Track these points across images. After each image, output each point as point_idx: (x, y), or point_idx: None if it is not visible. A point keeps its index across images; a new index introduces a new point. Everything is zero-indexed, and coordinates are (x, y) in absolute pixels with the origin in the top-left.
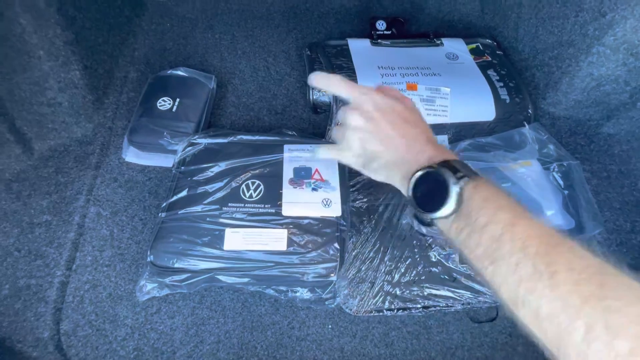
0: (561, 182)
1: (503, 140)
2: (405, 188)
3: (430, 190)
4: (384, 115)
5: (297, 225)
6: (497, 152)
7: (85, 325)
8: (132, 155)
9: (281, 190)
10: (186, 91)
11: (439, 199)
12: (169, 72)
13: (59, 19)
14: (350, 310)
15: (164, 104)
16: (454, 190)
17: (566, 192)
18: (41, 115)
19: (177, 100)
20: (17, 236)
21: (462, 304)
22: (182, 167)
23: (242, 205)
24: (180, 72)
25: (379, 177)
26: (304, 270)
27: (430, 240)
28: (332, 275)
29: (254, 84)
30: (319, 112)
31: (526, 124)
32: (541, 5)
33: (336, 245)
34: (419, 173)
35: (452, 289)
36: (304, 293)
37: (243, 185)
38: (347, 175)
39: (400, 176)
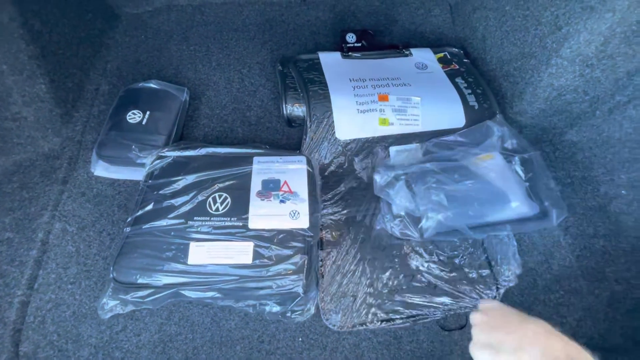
0: (522, 174)
1: (467, 136)
2: None
3: None
4: None
5: (263, 238)
6: (461, 148)
7: (46, 347)
8: (101, 169)
9: (248, 203)
10: (157, 104)
11: None
12: (140, 84)
13: (23, 34)
14: (334, 326)
15: (134, 117)
16: None
17: (527, 184)
18: (5, 130)
19: (148, 113)
20: None
21: (443, 311)
22: (150, 181)
23: (208, 218)
24: (151, 85)
25: None
26: (270, 283)
27: (408, 249)
28: (298, 287)
29: (228, 96)
30: (293, 125)
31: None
32: (505, 19)
33: (303, 257)
34: None
35: (433, 297)
36: (273, 306)
37: (210, 199)
38: (320, 187)
39: None
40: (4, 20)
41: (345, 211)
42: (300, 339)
